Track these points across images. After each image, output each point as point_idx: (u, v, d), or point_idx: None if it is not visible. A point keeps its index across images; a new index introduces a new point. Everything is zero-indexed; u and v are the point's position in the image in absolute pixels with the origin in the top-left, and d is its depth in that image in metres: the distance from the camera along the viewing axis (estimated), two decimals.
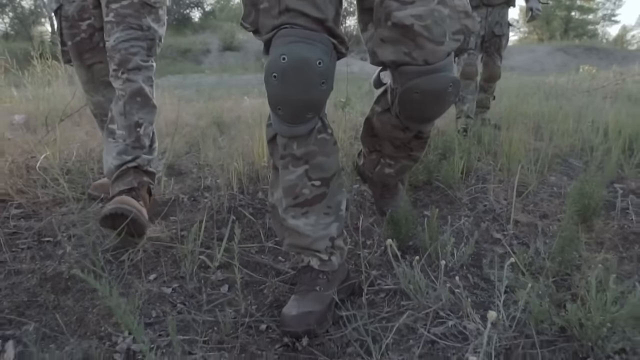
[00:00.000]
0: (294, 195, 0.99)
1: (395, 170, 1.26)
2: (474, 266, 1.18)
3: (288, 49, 0.86)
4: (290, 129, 0.94)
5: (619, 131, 2.58)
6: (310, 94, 0.89)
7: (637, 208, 1.53)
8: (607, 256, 1.10)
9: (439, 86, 0.91)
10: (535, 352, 0.82)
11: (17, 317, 1.00)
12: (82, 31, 1.51)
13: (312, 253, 1.02)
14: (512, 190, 1.50)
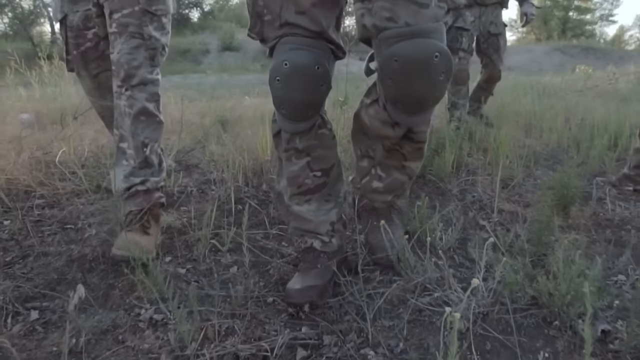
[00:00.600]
0: (297, 185, 1.10)
1: (384, 186, 1.18)
2: (460, 248, 1.29)
3: (289, 56, 0.96)
4: (293, 125, 1.04)
5: (605, 128, 2.71)
6: (311, 95, 0.99)
7: (613, 198, 1.65)
8: (577, 237, 1.22)
9: (421, 52, 0.83)
10: (508, 317, 0.94)
11: (49, 292, 1.11)
12: (87, 40, 1.51)
13: (314, 235, 1.14)
14: (492, 180, 1.62)
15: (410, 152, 1.09)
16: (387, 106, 0.95)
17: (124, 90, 1.37)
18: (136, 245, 1.22)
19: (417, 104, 0.93)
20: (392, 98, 0.94)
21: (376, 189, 1.17)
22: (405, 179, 1.14)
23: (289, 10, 0.97)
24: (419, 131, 1.04)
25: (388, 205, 1.23)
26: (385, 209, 1.23)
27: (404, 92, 0.90)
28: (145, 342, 0.92)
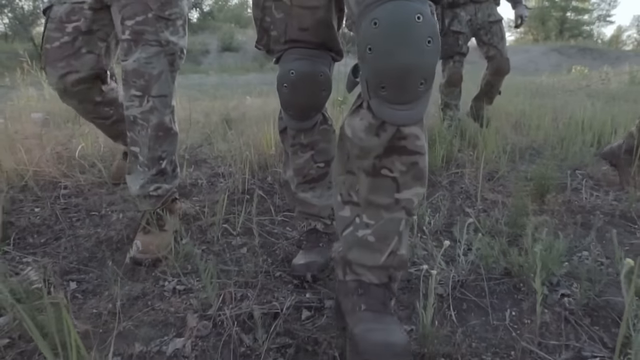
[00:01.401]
0: (303, 175, 1.26)
1: (374, 233, 0.83)
2: (446, 231, 1.45)
3: (295, 65, 1.08)
4: (298, 124, 1.18)
5: (589, 126, 2.87)
6: (314, 99, 1.13)
7: (588, 188, 1.81)
8: (547, 219, 1.38)
9: (401, 11, 0.71)
10: (483, 284, 1.09)
11: (83, 267, 1.27)
12: (65, 34, 1.39)
13: (317, 219, 1.29)
14: (483, 174, 1.78)
15: (404, 172, 0.80)
16: (371, 100, 0.77)
17: (144, 101, 1.34)
18: (147, 248, 1.31)
19: (402, 82, 0.72)
20: (374, 78, 0.74)
21: (364, 241, 0.84)
22: (402, 215, 0.83)
23: (293, 28, 1.08)
24: (410, 135, 0.78)
25: (384, 283, 0.85)
26: (378, 288, 0.85)
27: (385, 64, 0.72)
28: (171, 306, 1.08)
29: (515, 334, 0.92)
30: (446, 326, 0.94)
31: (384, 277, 0.85)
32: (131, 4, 1.32)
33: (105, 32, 1.44)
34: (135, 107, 1.35)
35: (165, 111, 1.39)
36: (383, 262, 0.83)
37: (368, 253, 0.84)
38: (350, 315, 0.82)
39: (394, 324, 0.79)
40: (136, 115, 1.35)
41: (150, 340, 0.94)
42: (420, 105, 0.76)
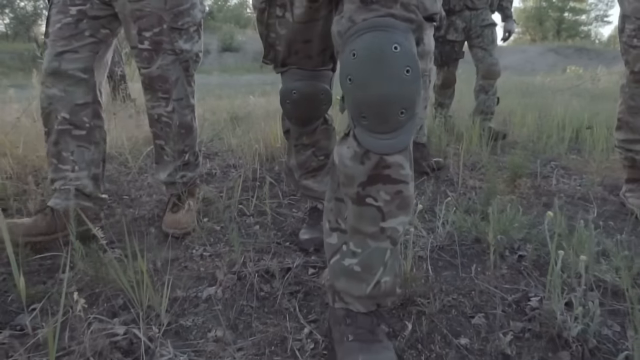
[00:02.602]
0: (305, 167, 1.41)
1: (360, 262, 0.84)
2: (430, 211, 1.69)
3: (297, 86, 1.18)
4: (300, 129, 1.32)
5: (569, 123, 3.11)
6: (315, 112, 1.27)
7: (558, 176, 2.05)
8: (513, 197, 1.62)
9: (377, 41, 0.71)
10: (456, 248, 1.34)
11: (123, 237, 1.50)
12: (69, 15, 1.39)
13: (318, 200, 1.48)
14: (467, 164, 2.02)
15: (388, 201, 0.80)
16: (355, 129, 0.77)
17: (169, 103, 1.50)
18: (179, 223, 1.54)
19: (381, 112, 0.72)
20: (355, 108, 0.75)
21: (350, 270, 0.85)
22: (387, 244, 0.83)
23: (297, 42, 1.13)
24: (394, 164, 0.77)
25: (371, 311, 0.88)
26: (366, 317, 0.87)
27: (364, 94, 0.72)
28: (201, 267, 1.32)
29: (477, 281, 1.16)
30: (423, 275, 1.18)
31: (372, 305, 0.86)
32: (146, 16, 1.42)
33: (108, 21, 1.45)
34: (162, 107, 1.52)
35: (185, 111, 1.55)
36: (369, 292, 0.83)
37: (354, 283, 0.84)
38: (339, 345, 0.83)
39: (383, 351, 0.79)
40: (162, 113, 1.53)
41: (188, 289, 1.18)
42: (403, 135, 0.74)
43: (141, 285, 0.99)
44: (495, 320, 0.99)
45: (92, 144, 1.50)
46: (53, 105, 1.42)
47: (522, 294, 1.09)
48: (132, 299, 1.03)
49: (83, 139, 1.47)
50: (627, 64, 1.64)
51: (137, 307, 1.00)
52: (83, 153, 1.48)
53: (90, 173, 1.49)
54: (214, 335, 0.98)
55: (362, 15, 0.72)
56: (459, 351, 0.89)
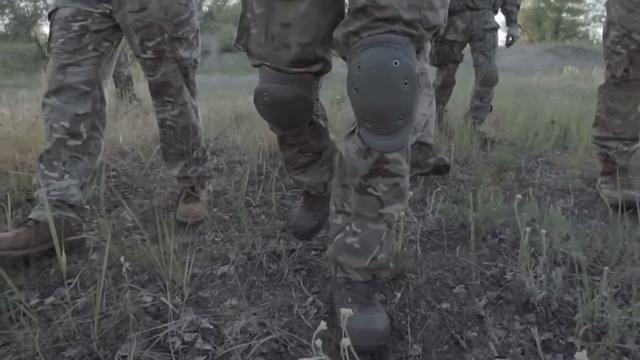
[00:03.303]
0: (292, 163, 1.28)
1: (360, 240, 0.98)
2: (421, 202, 1.84)
3: (269, 89, 0.98)
4: (282, 131, 1.14)
5: (558, 122, 3.27)
6: (292, 120, 1.06)
7: (543, 171, 2.20)
8: (497, 188, 1.77)
9: (380, 57, 0.79)
10: (444, 233, 1.48)
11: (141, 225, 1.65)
12: (72, 31, 1.43)
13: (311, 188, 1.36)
14: (455, 160, 2.17)
15: (387, 192, 0.93)
16: (360, 129, 0.88)
17: (175, 107, 1.61)
18: (191, 212, 1.67)
19: (382, 116, 0.82)
20: (359, 112, 0.85)
21: (350, 247, 0.99)
22: (384, 227, 0.97)
23: (275, 23, 0.95)
24: (393, 160, 0.91)
25: (368, 280, 1.01)
26: (364, 285, 1.01)
27: (367, 102, 0.82)
28: (214, 249, 1.46)
29: (460, 259, 1.31)
30: (413, 254, 1.33)
31: (368, 276, 1.00)
32: (148, 26, 1.47)
33: (109, 33, 1.49)
34: (168, 111, 1.63)
35: (190, 113, 1.66)
36: (367, 265, 0.98)
37: (354, 257, 0.98)
38: (339, 307, 0.92)
39: (377, 313, 0.92)
40: (166, 117, 1.65)
41: (204, 267, 1.33)
42: (401, 136, 0.83)
43: (168, 262, 1.14)
44: (474, 289, 1.14)
45: (86, 154, 1.50)
46: (52, 113, 1.44)
47: (499, 270, 1.24)
48: (158, 274, 1.18)
49: (78, 149, 1.48)
50: (608, 68, 1.76)
51: (164, 278, 1.15)
52: (76, 163, 1.48)
53: (80, 182, 1.49)
54: (229, 303, 1.13)
55: (367, 32, 0.81)
56: (440, 314, 1.04)
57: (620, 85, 1.73)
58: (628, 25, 1.64)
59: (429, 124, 2.08)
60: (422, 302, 1.09)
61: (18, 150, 2.08)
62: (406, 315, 1.03)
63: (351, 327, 0.75)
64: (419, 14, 0.81)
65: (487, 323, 0.99)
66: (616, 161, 1.79)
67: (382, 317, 0.92)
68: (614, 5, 1.69)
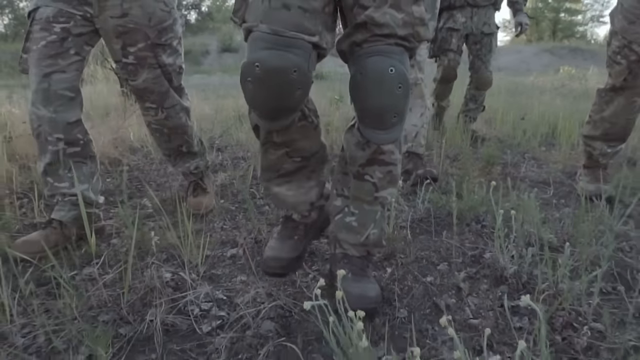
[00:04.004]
0: (275, 170, 1.13)
1: (357, 220, 1.10)
2: (413, 193, 1.99)
3: (262, 56, 0.87)
4: (269, 123, 1.00)
5: (547, 119, 3.42)
6: (285, 101, 0.92)
7: (528, 165, 2.35)
8: (482, 180, 1.92)
9: (378, 65, 0.91)
10: (432, 220, 1.63)
11: (156, 214, 1.80)
12: (53, 33, 1.37)
13: (293, 210, 1.20)
14: (445, 155, 2.32)
15: (381, 178, 1.06)
16: (359, 125, 0.99)
17: (159, 112, 1.62)
18: (200, 204, 1.79)
19: (380, 117, 0.94)
20: (359, 111, 0.97)
21: (349, 225, 1.11)
22: (378, 208, 1.11)
23: None
24: (387, 151, 1.04)
25: (364, 255, 1.13)
26: (360, 259, 1.12)
27: (367, 102, 0.94)
28: (223, 235, 1.61)
29: (445, 241, 1.46)
30: (403, 237, 1.48)
31: (363, 251, 1.12)
32: (130, 32, 1.45)
33: (90, 37, 1.46)
34: (151, 115, 1.65)
35: (179, 115, 1.67)
36: (362, 241, 1.10)
37: (352, 234, 1.11)
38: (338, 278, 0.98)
39: (370, 283, 1.07)
40: (151, 121, 1.68)
41: (214, 250, 1.47)
42: (395, 131, 0.96)
43: (185, 243, 1.29)
44: (455, 266, 1.29)
45: (88, 157, 1.53)
46: (42, 127, 1.41)
47: (479, 250, 1.39)
48: (176, 254, 1.33)
49: (79, 154, 1.49)
50: (609, 76, 1.81)
51: (183, 256, 1.30)
52: (81, 167, 1.51)
53: (90, 185, 1.53)
54: (240, 279, 1.27)
55: (367, 44, 0.94)
56: (424, 285, 1.19)
57: (617, 92, 1.78)
58: (629, 36, 1.67)
59: (420, 135, 2.14)
60: (409, 276, 1.23)
61: None
62: (395, 286, 1.18)
63: (347, 292, 0.84)
64: (412, 29, 0.95)
65: (464, 292, 1.14)
66: (599, 160, 1.90)
67: (374, 286, 1.07)
68: (617, 15, 1.74)
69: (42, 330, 1.01)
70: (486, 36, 2.88)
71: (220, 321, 1.07)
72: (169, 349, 0.98)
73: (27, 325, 1.04)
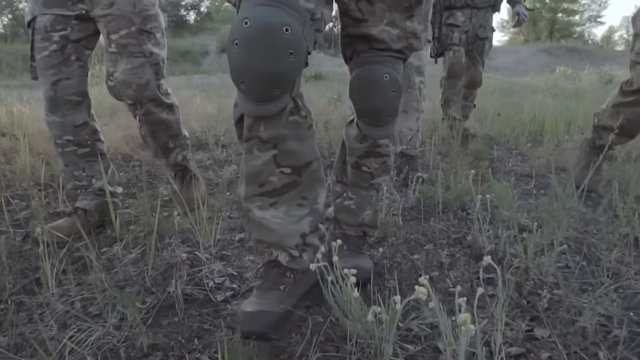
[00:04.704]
0: (259, 182, 0.92)
1: (355, 203, 1.25)
2: (405, 186, 2.14)
3: (252, 12, 0.79)
4: (257, 107, 0.85)
5: (536, 118, 3.58)
6: (275, 64, 0.80)
7: (515, 160, 2.51)
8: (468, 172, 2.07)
9: (375, 73, 1.05)
10: (421, 208, 1.79)
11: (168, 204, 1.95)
12: (53, 42, 1.44)
13: (280, 248, 0.98)
14: (437, 153, 2.47)
15: (376, 167, 1.20)
16: (358, 121, 1.15)
17: (138, 107, 1.57)
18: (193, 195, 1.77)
19: (376, 116, 1.10)
20: (359, 111, 1.13)
21: (347, 207, 1.26)
22: (373, 193, 1.26)
23: None
24: (383, 144, 1.18)
25: (360, 235, 1.28)
26: (357, 238, 1.28)
27: (364, 105, 1.10)
28: (231, 223, 1.76)
29: (433, 226, 1.61)
30: (394, 222, 1.63)
31: (360, 231, 1.28)
32: (115, 18, 1.46)
33: (89, 41, 1.52)
34: (134, 110, 1.62)
35: (158, 110, 1.62)
36: (359, 221, 1.26)
37: (350, 215, 1.26)
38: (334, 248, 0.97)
39: (364, 258, 1.24)
40: (136, 113, 1.63)
41: (224, 234, 1.63)
42: (390, 128, 1.14)
43: (200, 226, 1.44)
44: (440, 246, 1.44)
45: (98, 156, 1.62)
46: (53, 131, 1.55)
47: (462, 234, 1.55)
48: (191, 236, 1.48)
49: (89, 154, 1.60)
50: (632, 78, 1.76)
51: (198, 237, 1.45)
52: (93, 166, 1.61)
53: (106, 179, 1.60)
54: (248, 258, 1.43)
55: (365, 53, 1.07)
56: (412, 262, 1.35)
57: (637, 92, 1.74)
58: None
59: (415, 138, 2.24)
60: (399, 254, 1.39)
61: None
62: (386, 262, 1.33)
63: (345, 264, 0.89)
64: (406, 42, 1.08)
65: (445, 266, 1.29)
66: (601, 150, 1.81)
67: (368, 261, 1.24)
68: (639, 18, 1.74)
69: (78, 297, 1.16)
70: (479, 39, 2.99)
71: (232, 292, 1.23)
72: (189, 313, 1.14)
73: (64, 295, 1.20)
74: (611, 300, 1.07)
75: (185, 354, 0.97)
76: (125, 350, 0.99)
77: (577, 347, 0.93)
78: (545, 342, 0.95)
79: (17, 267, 1.33)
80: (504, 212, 1.52)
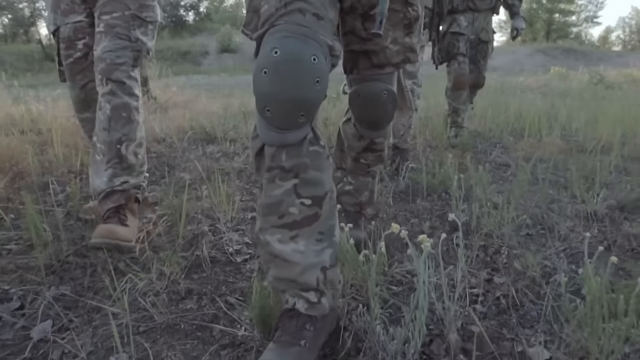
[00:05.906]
0: (279, 214, 0.89)
1: (354, 187, 1.45)
2: (397, 174, 2.39)
3: (281, 42, 0.82)
4: (280, 135, 0.86)
5: (521, 115, 3.84)
6: (303, 92, 0.83)
7: (498, 152, 2.77)
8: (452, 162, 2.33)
9: (374, 90, 1.19)
10: (410, 191, 2.04)
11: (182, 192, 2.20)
12: (77, 50, 1.57)
13: (298, 293, 0.92)
14: (427, 146, 2.73)
15: (372, 160, 1.39)
16: (356, 124, 1.30)
17: (104, 82, 1.45)
18: (113, 234, 1.37)
19: (374, 124, 1.28)
20: (358, 119, 1.28)
21: (348, 191, 1.45)
22: (370, 179, 1.44)
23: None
24: (379, 142, 1.33)
25: (358, 211, 1.47)
26: (355, 213, 1.46)
27: (364, 116, 1.26)
28: (242, 205, 2.01)
29: (419, 204, 1.87)
30: (385, 201, 1.88)
31: (358, 208, 1.48)
32: (111, 2, 1.49)
33: None
34: (100, 89, 1.49)
35: (123, 95, 1.47)
36: (358, 202, 1.47)
37: (350, 197, 1.46)
38: None
39: (360, 229, 1.43)
40: (100, 98, 1.49)
41: (237, 213, 1.88)
42: (385, 130, 1.32)
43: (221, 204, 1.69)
44: (423, 221, 1.70)
45: None
46: (86, 127, 1.72)
47: (444, 211, 1.81)
48: (211, 214, 1.73)
49: None
50: None
51: (218, 213, 1.70)
52: None
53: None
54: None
55: (366, 71, 1.20)
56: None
57: None
58: None
59: (407, 133, 2.46)
60: (388, 226, 1.64)
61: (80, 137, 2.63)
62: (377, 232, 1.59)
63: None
64: (404, 56, 1.20)
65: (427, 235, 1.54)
66: None
67: (362, 233, 1.46)
68: None
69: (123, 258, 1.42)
70: (482, 43, 3.04)
71: (249, 255, 1.48)
72: (214, 271, 1.39)
73: (110, 256, 1.45)
74: (558, 257, 1.33)
75: (216, 297, 1.22)
76: (167, 294, 1.24)
77: (524, 287, 1.18)
78: (501, 285, 1.21)
79: (66, 237, 1.58)
80: (479, 192, 1.77)
